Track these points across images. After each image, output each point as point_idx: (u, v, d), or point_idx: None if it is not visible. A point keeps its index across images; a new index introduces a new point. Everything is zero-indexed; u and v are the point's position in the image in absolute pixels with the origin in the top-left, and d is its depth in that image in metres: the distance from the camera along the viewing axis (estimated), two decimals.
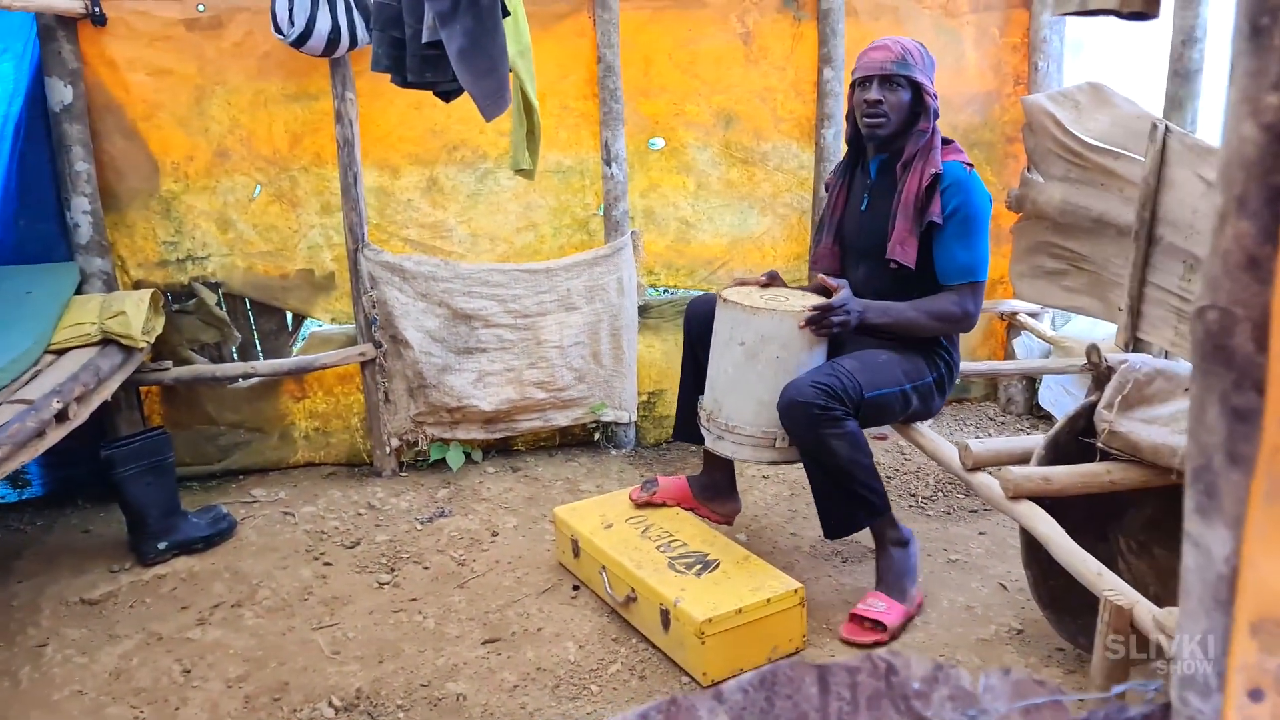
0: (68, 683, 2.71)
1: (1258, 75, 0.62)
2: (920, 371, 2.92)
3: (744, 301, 2.86)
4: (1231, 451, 0.67)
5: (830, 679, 0.85)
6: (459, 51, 2.15)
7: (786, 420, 2.76)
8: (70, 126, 3.53)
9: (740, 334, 2.86)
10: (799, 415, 2.70)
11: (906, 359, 2.90)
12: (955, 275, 2.84)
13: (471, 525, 3.54)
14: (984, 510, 3.53)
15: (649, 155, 4.03)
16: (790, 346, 2.82)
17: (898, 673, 0.85)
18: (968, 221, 2.81)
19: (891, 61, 2.85)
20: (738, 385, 2.89)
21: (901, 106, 2.87)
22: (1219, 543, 0.69)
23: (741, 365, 2.87)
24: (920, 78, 2.86)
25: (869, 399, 2.77)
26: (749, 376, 2.86)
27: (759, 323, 2.82)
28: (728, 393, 2.92)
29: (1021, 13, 4.10)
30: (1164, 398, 2.43)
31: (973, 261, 2.84)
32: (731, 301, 2.88)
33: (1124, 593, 2.02)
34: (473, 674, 2.69)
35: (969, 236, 2.82)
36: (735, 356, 2.88)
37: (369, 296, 3.79)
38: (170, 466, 3.43)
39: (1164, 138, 3.22)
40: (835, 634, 2.80)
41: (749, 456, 2.95)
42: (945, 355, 2.99)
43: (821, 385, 2.70)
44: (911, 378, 2.89)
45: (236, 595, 3.13)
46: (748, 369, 2.86)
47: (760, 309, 2.82)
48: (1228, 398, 0.66)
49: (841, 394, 2.70)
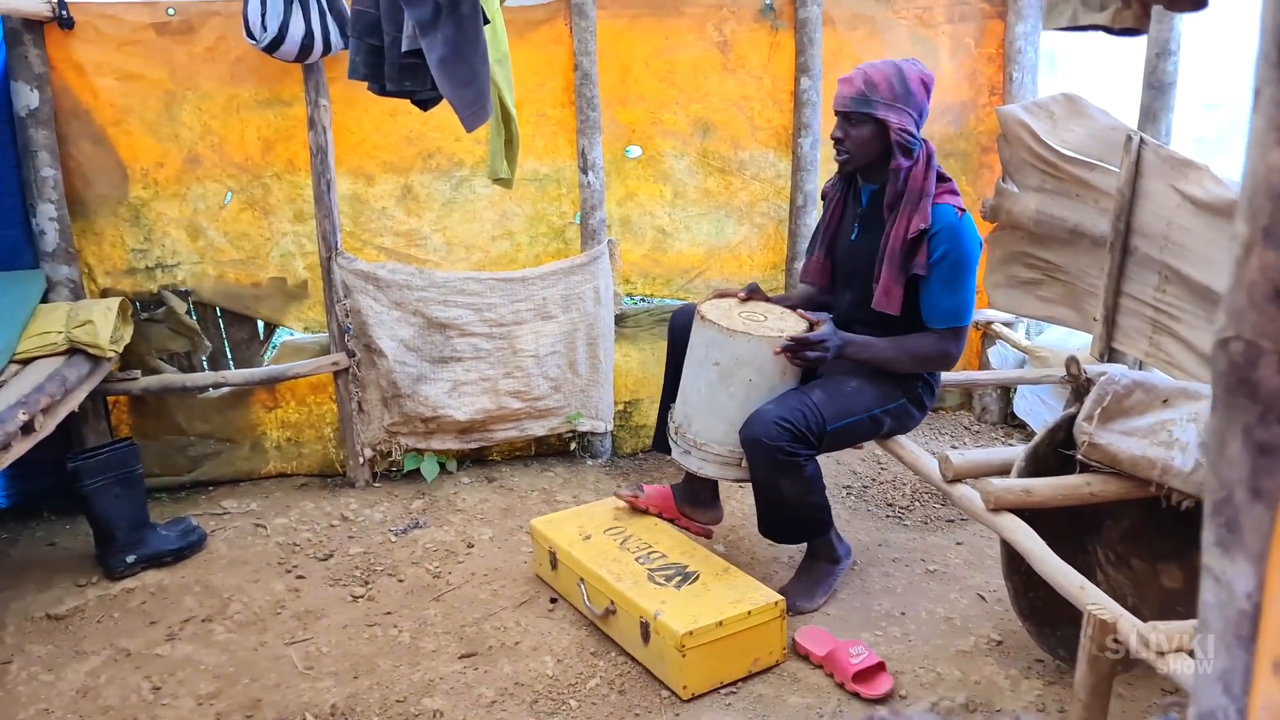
0: (33, 701, 2.66)
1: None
2: (892, 395, 2.94)
3: (721, 322, 2.86)
4: (1255, 486, 0.65)
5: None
6: (440, 60, 2.12)
7: (747, 451, 2.81)
8: (36, 132, 3.45)
9: (715, 354, 2.87)
10: (760, 453, 2.76)
11: (877, 384, 2.92)
12: (939, 320, 2.84)
13: (447, 537, 3.50)
14: (961, 520, 3.53)
15: (626, 164, 4.01)
16: (764, 371, 2.84)
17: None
18: (955, 268, 2.80)
19: (851, 98, 2.80)
20: (709, 404, 2.92)
21: (864, 142, 2.82)
22: (1241, 578, 0.67)
23: (715, 385, 2.89)
24: (884, 114, 2.76)
25: (832, 430, 2.82)
26: (721, 397, 2.88)
27: (734, 345, 2.83)
28: (699, 410, 2.95)
29: (997, 24, 4.12)
30: (1143, 410, 2.43)
31: (957, 307, 2.83)
32: (709, 320, 2.88)
33: (1108, 607, 2.02)
34: (449, 689, 2.66)
35: (955, 283, 2.81)
36: (709, 376, 2.89)
37: (342, 305, 3.75)
38: (139, 478, 3.37)
39: (1138, 149, 3.24)
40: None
41: (714, 474, 3.00)
42: (925, 375, 3.01)
43: (785, 424, 2.73)
44: (882, 402, 2.92)
45: (207, 610, 3.08)
46: (720, 390, 2.88)
47: (737, 332, 2.82)
48: (1252, 431, 0.65)
49: (805, 431, 2.76)
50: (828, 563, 3.05)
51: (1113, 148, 3.40)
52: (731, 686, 2.63)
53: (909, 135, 2.77)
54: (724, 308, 3.00)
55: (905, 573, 3.19)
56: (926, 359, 2.89)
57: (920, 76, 2.81)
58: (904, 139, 2.77)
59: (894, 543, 3.39)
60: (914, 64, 2.84)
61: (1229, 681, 0.69)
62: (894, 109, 2.76)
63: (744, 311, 2.98)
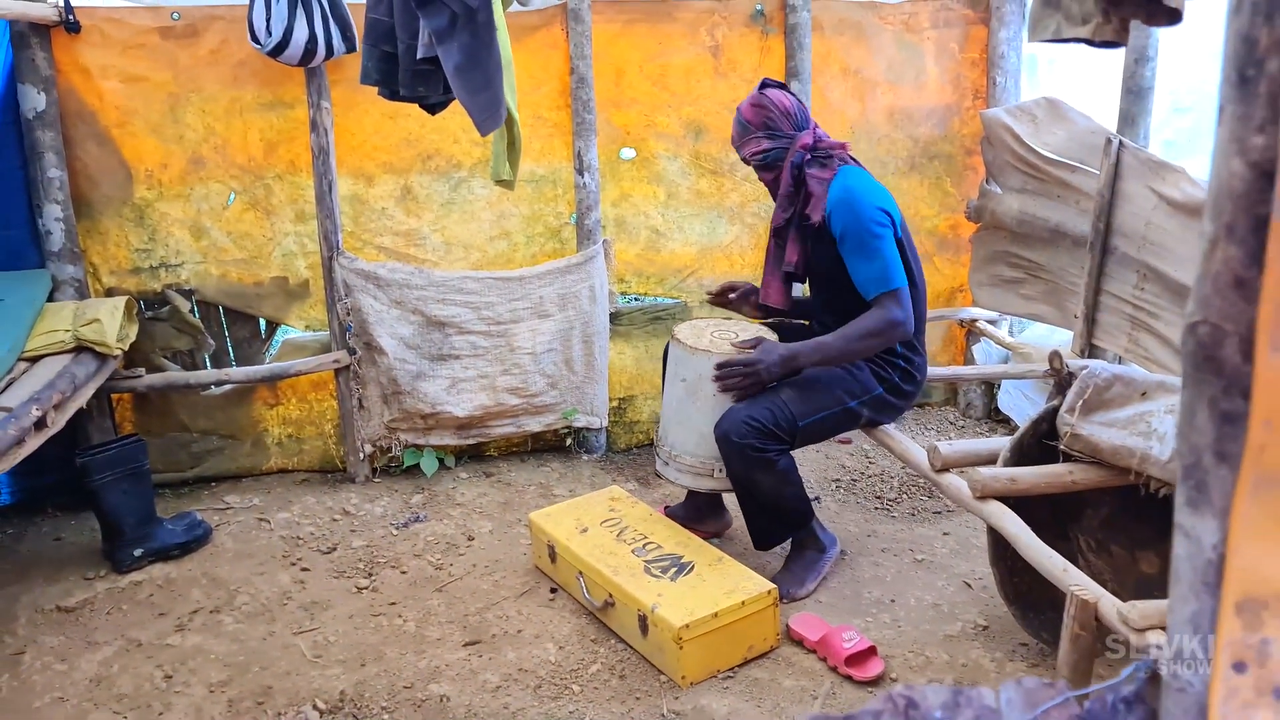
0: (48, 690, 2.72)
1: (1244, 119, 0.71)
2: (867, 386, 3.04)
3: (687, 340, 3.10)
4: (1220, 450, 0.75)
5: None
6: (456, 68, 2.20)
7: (720, 449, 2.96)
8: (43, 133, 3.52)
9: (682, 371, 3.10)
10: (732, 452, 2.92)
11: (850, 377, 3.02)
12: (871, 290, 2.90)
13: (447, 530, 3.58)
14: (948, 511, 3.63)
15: (620, 165, 4.10)
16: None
17: (917, 706, 0.90)
18: (859, 238, 2.88)
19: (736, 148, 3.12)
20: (681, 417, 3.14)
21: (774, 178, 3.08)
22: (1208, 532, 0.77)
23: (683, 400, 3.11)
24: (744, 154, 3.08)
25: (804, 425, 2.95)
26: (689, 410, 3.10)
27: (696, 362, 3.05)
28: (672, 423, 3.18)
29: (980, 29, 4.23)
30: (1122, 402, 2.53)
31: (881, 272, 2.87)
32: (676, 339, 3.14)
33: (1089, 588, 2.12)
34: (455, 676, 2.74)
35: (866, 251, 2.88)
36: (678, 391, 3.13)
37: (343, 304, 3.82)
38: (146, 473, 3.43)
39: (1118, 152, 3.36)
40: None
41: (690, 484, 3.20)
42: (902, 362, 3.08)
43: (755, 422, 2.88)
44: (855, 394, 3.02)
45: (215, 601, 3.15)
46: (688, 404, 3.09)
47: (698, 350, 3.05)
48: (1216, 403, 0.74)
49: (774, 428, 2.89)
50: (814, 551, 3.15)
51: (1093, 150, 3.51)
52: (728, 672, 2.72)
53: (760, 154, 3.05)
54: (699, 327, 3.23)
55: (894, 562, 3.29)
56: (875, 333, 2.89)
57: (751, 102, 3.05)
58: (759, 160, 3.07)
59: (883, 533, 3.49)
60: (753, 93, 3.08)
61: (1198, 623, 0.79)
62: (745, 144, 3.07)
63: (718, 330, 3.19)
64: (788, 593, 3.03)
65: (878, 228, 2.88)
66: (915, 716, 0.89)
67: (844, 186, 2.93)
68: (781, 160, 3.04)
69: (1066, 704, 0.87)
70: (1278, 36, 0.69)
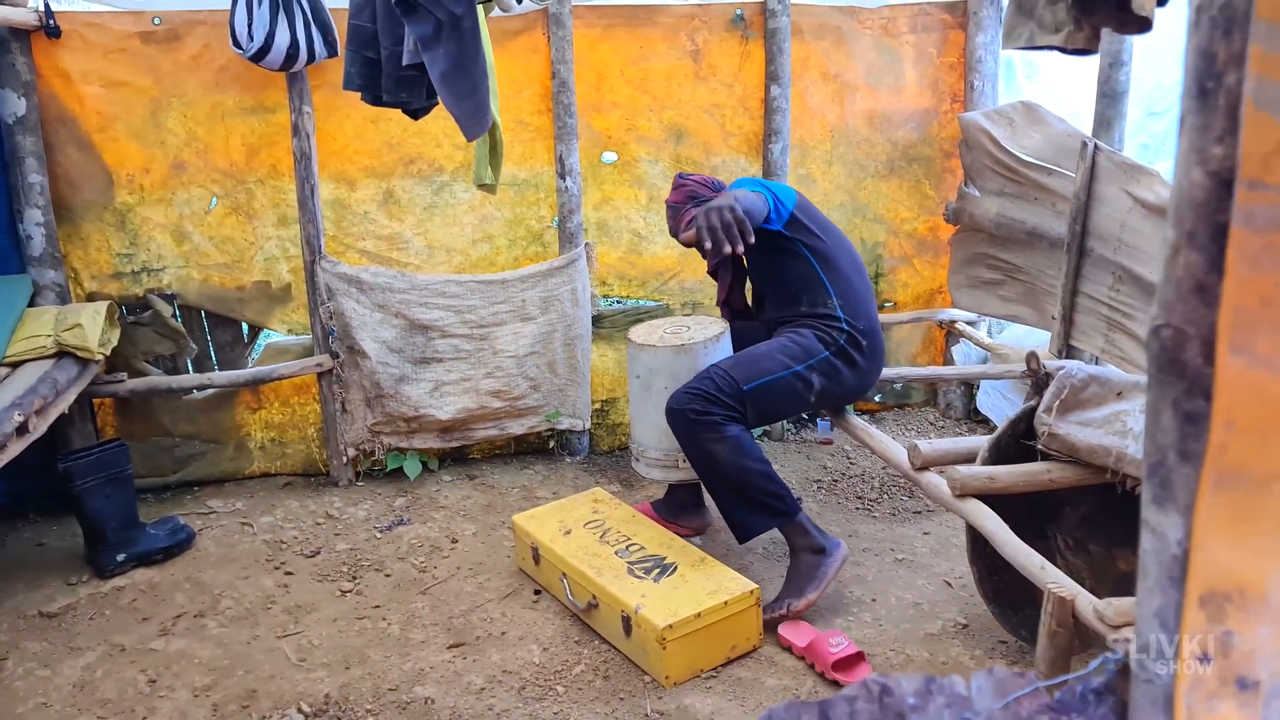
0: (31, 695, 2.71)
1: (1204, 130, 0.73)
2: (810, 349, 3.05)
3: (636, 339, 3.20)
4: (1183, 449, 0.78)
5: (831, 713, 0.93)
6: (441, 74, 2.21)
7: (671, 428, 3.00)
8: (23, 138, 3.51)
9: (635, 368, 3.21)
10: (678, 423, 2.95)
11: (791, 342, 3.07)
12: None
13: (431, 533, 3.59)
14: (928, 511, 3.67)
15: (602, 169, 4.13)
16: (676, 376, 3.10)
17: (891, 693, 0.92)
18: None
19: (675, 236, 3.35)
20: (641, 414, 3.25)
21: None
22: (1173, 528, 0.80)
23: (640, 396, 3.22)
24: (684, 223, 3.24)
25: (750, 390, 2.95)
26: (646, 406, 3.20)
27: (647, 358, 3.16)
28: (636, 420, 3.29)
29: (958, 34, 4.28)
30: (1098, 402, 2.57)
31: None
32: (629, 339, 3.24)
33: (1066, 585, 2.15)
34: (439, 678, 2.75)
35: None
36: (635, 388, 3.23)
37: (326, 308, 3.83)
38: (129, 478, 3.43)
39: (1093, 155, 3.40)
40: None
41: (659, 476, 3.30)
42: (846, 326, 3.08)
43: (695, 390, 2.94)
44: (800, 359, 3.03)
45: (198, 605, 3.15)
46: (645, 399, 3.20)
47: (646, 345, 3.15)
48: (1180, 404, 0.77)
49: (716, 395, 2.92)
50: (810, 554, 2.97)
51: (1069, 154, 3.56)
52: (712, 672, 2.74)
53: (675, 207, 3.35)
54: (654, 325, 3.32)
55: (875, 562, 3.32)
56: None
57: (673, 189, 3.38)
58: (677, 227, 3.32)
59: (864, 533, 3.52)
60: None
61: (1164, 617, 0.82)
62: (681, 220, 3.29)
63: (669, 327, 3.27)
64: (786, 605, 2.90)
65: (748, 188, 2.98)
66: (889, 703, 0.91)
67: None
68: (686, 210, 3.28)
69: (1036, 693, 0.89)
70: (1235, 51, 0.71)
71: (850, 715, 0.91)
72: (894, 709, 0.91)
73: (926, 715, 0.90)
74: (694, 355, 3.10)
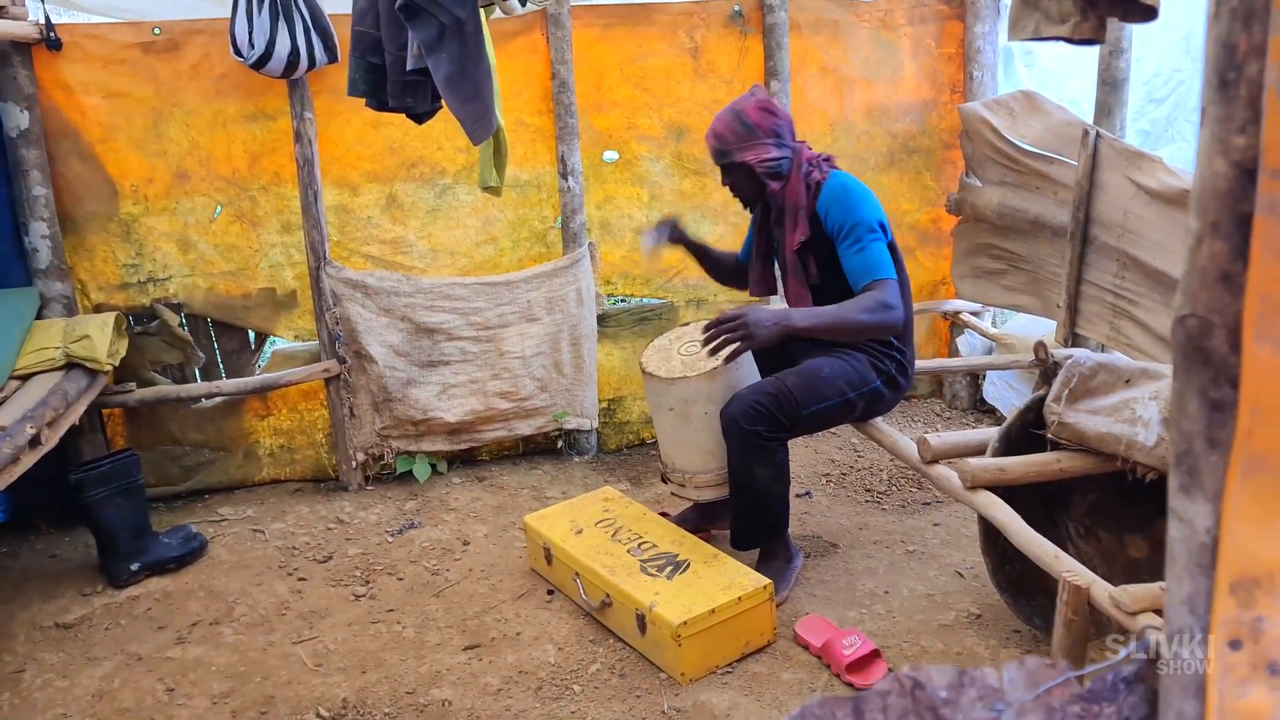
0: (50, 706, 2.72)
1: (1226, 120, 0.74)
2: (866, 378, 3.05)
3: (660, 373, 3.09)
4: (1210, 437, 0.78)
5: (865, 708, 0.93)
6: (446, 78, 2.22)
7: (726, 435, 2.97)
8: (27, 151, 3.52)
9: (667, 401, 3.12)
10: (736, 435, 2.92)
11: (852, 367, 3.04)
12: (863, 276, 2.87)
13: (442, 535, 3.60)
14: (937, 502, 3.68)
15: (603, 168, 4.13)
16: (714, 399, 3.05)
17: (923, 686, 0.93)
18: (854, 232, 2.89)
19: (713, 154, 3.05)
20: (680, 442, 3.16)
21: (742, 184, 3.07)
22: (1201, 516, 0.80)
23: (677, 426, 3.13)
24: (740, 157, 2.97)
25: (808, 414, 2.96)
26: (687, 434, 3.12)
27: (678, 390, 3.07)
28: (675, 450, 3.20)
29: (955, 25, 4.28)
30: (1107, 390, 2.58)
31: (873, 261, 2.86)
32: (649, 374, 3.12)
33: (1081, 574, 2.16)
34: (456, 680, 2.76)
35: (860, 243, 2.88)
36: (670, 419, 3.14)
37: (332, 313, 3.83)
38: (140, 488, 3.44)
39: (1095, 143, 3.40)
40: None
41: (713, 497, 3.21)
42: (896, 355, 3.12)
43: (761, 408, 2.89)
44: (856, 386, 3.03)
45: (213, 613, 3.16)
46: (684, 428, 3.12)
47: (675, 378, 3.05)
48: (1206, 392, 0.78)
49: (779, 414, 2.90)
50: (782, 561, 3.13)
51: (1070, 142, 3.56)
52: (727, 667, 2.75)
53: (770, 162, 2.99)
54: (664, 349, 3.23)
55: (886, 554, 3.33)
56: (869, 309, 2.81)
57: (757, 105, 3.00)
58: (767, 168, 2.99)
59: (874, 526, 3.53)
60: (750, 95, 3.04)
61: (1194, 604, 0.83)
62: (747, 148, 2.98)
63: (683, 348, 3.19)
64: None
65: (873, 222, 2.91)
66: (921, 696, 0.92)
67: (840, 183, 2.97)
68: (788, 171, 3.02)
69: (1068, 683, 0.90)
70: (1256, 41, 0.72)
71: (883, 710, 0.91)
72: (926, 702, 0.91)
73: (959, 708, 0.90)
74: (727, 375, 3.04)
